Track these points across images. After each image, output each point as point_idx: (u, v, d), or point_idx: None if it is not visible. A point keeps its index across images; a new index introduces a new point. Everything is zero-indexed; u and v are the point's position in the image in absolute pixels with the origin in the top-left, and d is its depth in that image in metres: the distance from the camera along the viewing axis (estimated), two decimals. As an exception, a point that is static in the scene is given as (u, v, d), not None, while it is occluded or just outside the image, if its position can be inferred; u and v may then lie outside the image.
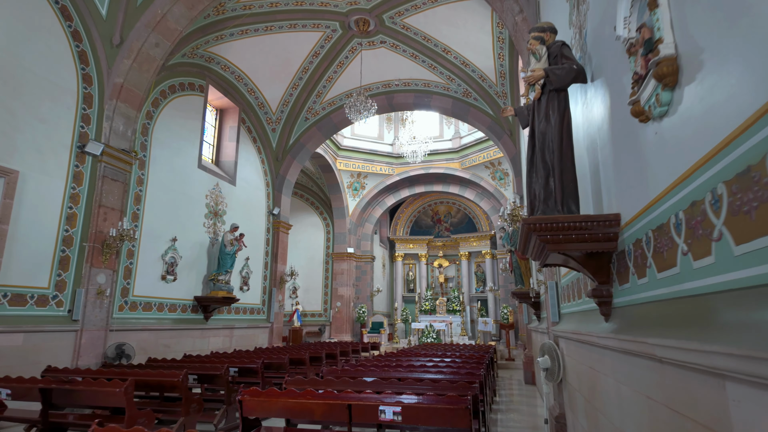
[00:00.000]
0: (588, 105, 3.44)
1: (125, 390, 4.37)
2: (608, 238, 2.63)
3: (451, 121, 20.36)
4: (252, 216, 12.70)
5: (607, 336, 2.69)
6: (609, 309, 2.87)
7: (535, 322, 9.53)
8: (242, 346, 11.53)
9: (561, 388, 5.33)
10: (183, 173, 10.14)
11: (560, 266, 3.34)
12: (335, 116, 13.90)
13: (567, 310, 5.03)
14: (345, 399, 3.84)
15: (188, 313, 10.01)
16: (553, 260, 3.22)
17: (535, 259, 3.31)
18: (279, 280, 13.60)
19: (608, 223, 2.58)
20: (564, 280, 5.12)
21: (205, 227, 10.73)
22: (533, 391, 10.02)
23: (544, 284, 6.04)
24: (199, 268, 10.45)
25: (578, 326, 3.93)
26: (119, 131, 8.30)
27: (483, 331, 18.24)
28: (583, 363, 3.79)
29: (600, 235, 2.63)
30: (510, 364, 14.71)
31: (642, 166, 2.16)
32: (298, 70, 12.41)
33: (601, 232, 2.62)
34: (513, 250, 9.07)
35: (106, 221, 7.92)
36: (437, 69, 12.45)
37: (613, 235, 2.62)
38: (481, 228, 23.41)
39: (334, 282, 19.96)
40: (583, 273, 3.07)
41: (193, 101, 10.66)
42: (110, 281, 7.94)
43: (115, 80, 8.21)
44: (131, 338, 8.39)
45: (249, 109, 12.73)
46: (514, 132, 12.04)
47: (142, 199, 8.95)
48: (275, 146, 13.74)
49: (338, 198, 19.78)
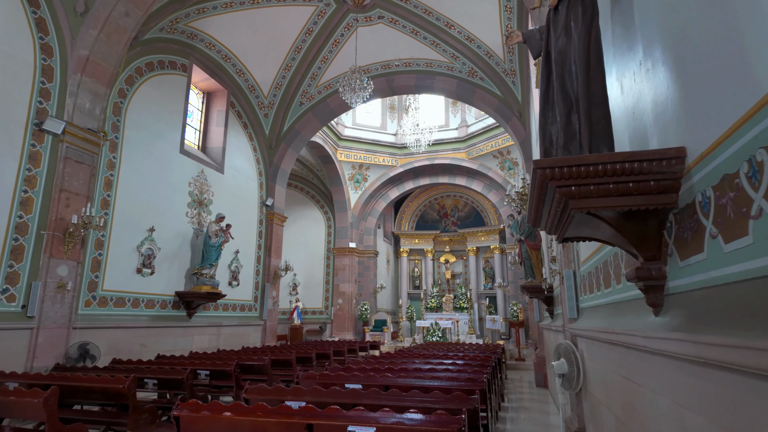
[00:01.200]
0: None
1: (45, 401, 3.56)
2: (664, 187, 1.73)
3: (457, 109, 19.41)
4: (242, 207, 11.89)
5: (660, 336, 1.80)
6: (660, 297, 1.97)
7: (547, 320, 8.60)
8: (231, 345, 10.75)
9: (580, 397, 4.42)
10: (162, 158, 9.35)
11: (585, 240, 2.44)
12: (332, 101, 13.04)
13: (588, 303, 4.12)
14: (306, 417, 2.97)
15: (168, 310, 9.23)
16: (576, 231, 2.32)
17: (551, 232, 2.41)
18: (273, 275, 12.80)
19: (666, 162, 1.69)
20: (584, 267, 4.20)
21: (188, 217, 9.93)
22: (545, 395, 9.10)
23: (558, 274, 5.13)
24: (182, 261, 9.67)
25: (606, 322, 3.03)
26: (85, 109, 7.52)
27: (491, 329, 17.31)
28: (613, 370, 2.89)
29: (652, 183, 1.74)
30: (520, 364, 13.77)
31: (738, 54, 1.26)
32: (290, 49, 11.57)
33: (654, 178, 1.72)
34: (522, 239, 8.16)
35: (69, 207, 7.15)
36: (440, 46, 11.52)
37: (673, 182, 1.72)
38: (489, 222, 22.43)
39: (335, 278, 19.13)
40: (620, 246, 2.17)
41: (174, 81, 9.87)
42: (74, 274, 7.17)
43: (80, 52, 7.43)
44: (101, 337, 7.61)
45: (239, 92, 11.92)
46: (524, 113, 11.08)
47: (113, 185, 8.17)
48: (268, 133, 12.92)
49: (339, 190, 18.93)
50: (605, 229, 2.08)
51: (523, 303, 16.67)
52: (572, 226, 2.21)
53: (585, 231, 2.29)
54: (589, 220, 2.06)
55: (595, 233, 2.26)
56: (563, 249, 4.92)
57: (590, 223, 2.09)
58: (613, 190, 1.77)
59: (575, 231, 2.32)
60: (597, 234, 2.25)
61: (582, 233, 2.37)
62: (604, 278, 3.29)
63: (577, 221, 2.10)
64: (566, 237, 2.45)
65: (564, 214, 2.04)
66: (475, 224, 22.94)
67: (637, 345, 2.15)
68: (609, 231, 2.06)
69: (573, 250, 4.75)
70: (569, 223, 2.13)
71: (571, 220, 2.05)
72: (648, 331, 1.93)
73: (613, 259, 2.94)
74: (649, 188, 1.74)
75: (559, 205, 1.95)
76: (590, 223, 2.10)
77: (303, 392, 3.97)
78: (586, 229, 2.25)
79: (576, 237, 2.43)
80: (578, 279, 4.63)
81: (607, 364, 3.07)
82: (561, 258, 5.05)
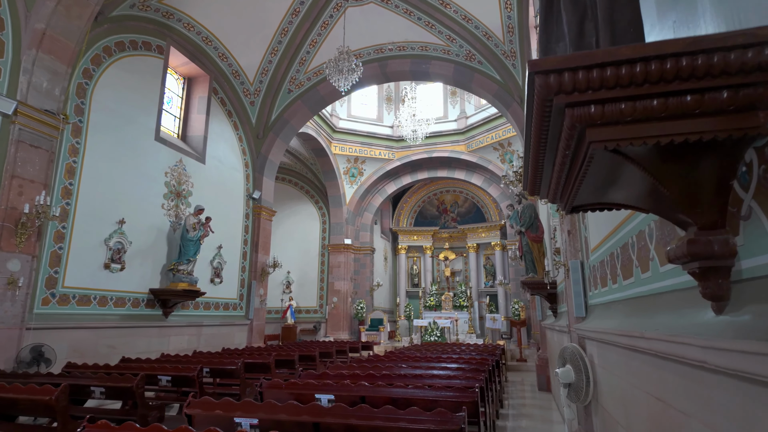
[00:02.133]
0: None
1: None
2: (748, 100, 1.04)
3: (456, 100, 18.69)
4: (226, 199, 11.22)
5: (735, 348, 1.10)
6: (725, 285, 1.28)
7: (550, 318, 7.91)
8: (213, 346, 10.08)
9: (590, 410, 3.73)
10: (135, 145, 8.67)
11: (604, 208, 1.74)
12: (322, 88, 12.34)
13: (600, 299, 3.43)
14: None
15: (142, 309, 8.57)
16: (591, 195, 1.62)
17: (555, 198, 1.71)
18: (260, 271, 12.13)
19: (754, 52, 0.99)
20: (595, 256, 3.50)
21: (164, 209, 9.26)
22: (548, 400, 8.40)
23: (563, 266, 4.43)
24: (157, 256, 9.00)
25: (627, 322, 2.34)
26: (42, 88, 6.85)
27: (492, 328, 16.61)
28: (637, 385, 2.20)
29: (725, 94, 1.04)
30: (521, 365, 13.07)
31: None
32: (276, 31, 10.88)
33: (730, 83, 1.02)
34: (523, 230, 7.46)
35: (23, 196, 6.48)
36: (435, 28, 10.81)
37: (764, 90, 1.02)
38: (490, 218, 21.70)
39: (330, 276, 18.46)
40: (657, 212, 1.48)
41: (149, 63, 9.19)
42: (28, 269, 6.50)
43: (36, 25, 6.76)
44: (61, 338, 6.95)
45: (222, 77, 11.24)
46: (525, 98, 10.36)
47: (76, 173, 7.50)
48: (255, 122, 12.24)
49: (334, 185, 18.25)
50: (636, 183, 1.39)
51: (524, 301, 15.97)
52: (587, 185, 1.51)
53: (605, 192, 1.59)
54: (613, 169, 1.37)
55: (618, 194, 1.57)
56: (569, 237, 4.22)
57: (615, 174, 1.40)
58: (659, 108, 1.08)
59: (590, 193, 1.62)
60: (622, 194, 1.55)
61: (599, 198, 1.67)
62: (623, 267, 2.59)
63: (595, 174, 1.41)
64: (576, 205, 1.75)
65: (576, 162, 1.35)
66: (475, 220, 22.22)
67: (686, 357, 1.46)
68: (642, 185, 1.37)
69: (580, 237, 4.05)
70: (582, 179, 1.43)
71: (586, 171, 1.36)
72: (711, 339, 1.24)
73: (637, 240, 2.24)
74: (719, 103, 1.05)
75: (569, 143, 1.26)
76: (614, 175, 1.41)
77: (255, 407, 3.29)
78: (606, 187, 1.55)
79: (590, 205, 1.73)
80: (587, 271, 3.93)
81: (628, 376, 2.38)
82: (566, 247, 4.35)
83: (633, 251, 2.33)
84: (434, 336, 15.90)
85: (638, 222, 2.20)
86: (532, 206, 7.43)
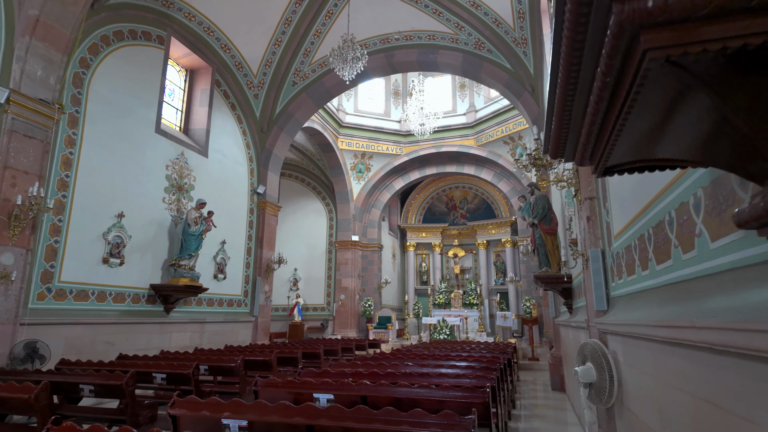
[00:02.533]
0: None
1: None
2: None
3: (465, 93, 18.30)
4: (230, 194, 10.99)
5: None
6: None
7: (565, 315, 7.54)
8: (216, 343, 9.85)
9: (612, 413, 3.39)
10: (134, 137, 8.46)
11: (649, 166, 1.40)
12: (327, 80, 12.06)
13: (625, 290, 3.09)
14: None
15: (142, 305, 8.35)
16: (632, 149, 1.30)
17: (586, 152, 1.39)
18: (265, 268, 11.89)
19: None
20: (619, 242, 3.16)
21: (165, 203, 9.04)
22: (563, 400, 8.04)
23: (581, 256, 4.09)
24: (158, 251, 8.78)
25: (664, 312, 2.00)
26: (36, 77, 6.64)
27: (502, 326, 16.23)
28: (681, 387, 1.87)
29: None
30: (533, 364, 12.70)
31: None
32: (280, 21, 10.61)
33: None
34: (536, 222, 7.11)
35: (16, 187, 6.28)
36: (443, 15, 10.47)
37: None
38: (500, 214, 21.29)
39: (337, 273, 18.18)
40: (717, 164, 1.15)
41: (149, 54, 8.97)
42: (22, 263, 6.30)
43: (29, 12, 6.55)
44: (57, 334, 6.76)
45: (224, 69, 11.00)
46: (537, 87, 9.99)
47: (73, 164, 7.30)
48: (259, 115, 11.99)
49: (341, 181, 17.97)
50: (697, 123, 1.06)
51: (536, 298, 15.56)
52: (628, 133, 1.19)
53: (649, 143, 1.27)
54: (667, 104, 1.05)
55: (668, 145, 1.24)
56: (588, 224, 3.88)
57: (668, 111, 1.08)
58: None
59: (629, 147, 1.29)
60: (673, 144, 1.23)
61: (641, 153, 1.35)
62: (656, 249, 2.26)
63: (642, 114, 1.09)
64: (611, 166, 1.43)
65: (619, 94, 1.03)
66: (485, 216, 21.82)
67: (757, 349, 1.13)
68: (707, 124, 1.04)
69: (601, 223, 3.71)
70: (625, 120, 1.11)
71: (632, 105, 1.03)
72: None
73: (677, 216, 1.91)
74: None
75: (613, 61, 0.94)
76: (668, 114, 1.09)
77: (244, 408, 3.01)
78: (652, 137, 1.23)
79: (629, 164, 1.41)
80: (608, 260, 3.58)
81: (665, 374, 2.05)
82: (585, 236, 4.01)
83: (671, 229, 2.00)
84: (443, 334, 15.57)
85: (678, 193, 1.87)
86: (545, 197, 7.08)
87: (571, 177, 4.11)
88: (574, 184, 4.07)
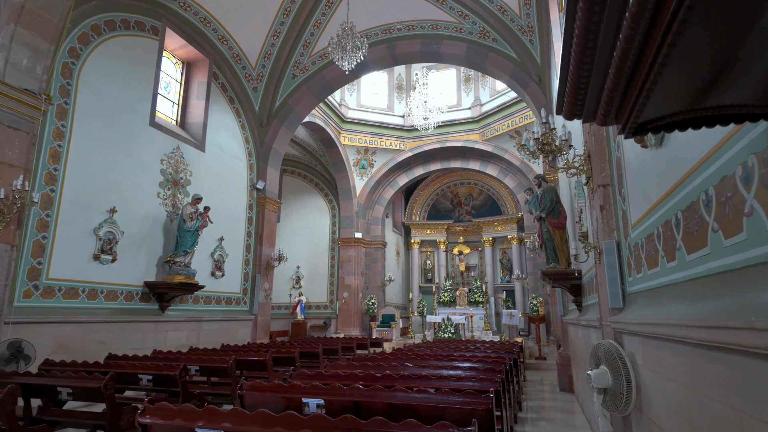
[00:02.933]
0: None
1: None
2: None
3: (470, 87, 17.93)
4: (228, 189, 10.72)
5: None
6: None
7: (574, 313, 7.20)
8: (214, 342, 9.60)
9: (629, 421, 3.07)
10: (127, 130, 8.20)
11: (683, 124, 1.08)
12: (328, 72, 11.75)
13: (645, 284, 2.76)
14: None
15: (136, 303, 8.11)
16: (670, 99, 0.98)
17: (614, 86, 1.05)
18: (265, 265, 11.62)
19: None
20: (638, 232, 2.83)
21: (160, 198, 8.79)
22: (571, 402, 7.70)
23: (594, 248, 3.76)
24: (152, 247, 8.53)
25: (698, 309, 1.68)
26: (21, 66, 6.39)
27: (509, 324, 15.87)
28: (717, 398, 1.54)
29: None
30: (540, 363, 12.34)
31: None
32: (278, 11, 10.32)
33: None
34: (543, 216, 6.77)
35: (1, 180, 6.04)
36: (446, 3, 10.12)
37: None
38: (506, 210, 20.92)
39: (340, 270, 17.91)
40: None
41: (143, 44, 8.71)
42: (7, 259, 6.06)
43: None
44: (45, 333, 6.52)
45: (222, 61, 10.73)
46: (544, 77, 9.63)
47: (62, 158, 7.05)
48: (258, 109, 11.71)
49: (344, 177, 17.68)
50: None
51: (543, 296, 15.21)
52: (669, 75, 0.88)
53: (699, 88, 0.95)
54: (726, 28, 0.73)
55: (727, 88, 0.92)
56: (602, 213, 3.54)
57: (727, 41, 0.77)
58: None
59: (671, 96, 0.98)
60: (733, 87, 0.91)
61: (688, 103, 1.03)
62: (686, 236, 1.93)
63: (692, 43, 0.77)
64: (644, 121, 1.11)
65: (660, 21, 0.72)
66: (491, 213, 21.46)
67: None
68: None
69: (616, 212, 3.38)
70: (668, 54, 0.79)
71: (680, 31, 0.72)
72: None
73: (716, 194, 1.58)
74: None
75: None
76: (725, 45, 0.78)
77: (220, 416, 2.71)
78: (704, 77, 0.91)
79: (669, 117, 1.09)
80: (624, 252, 3.25)
81: (702, 384, 1.72)
82: (597, 227, 3.67)
83: (708, 210, 1.67)
84: (448, 333, 15.23)
85: (720, 165, 1.55)
86: (553, 189, 6.74)
87: (582, 163, 3.78)
88: (585, 170, 3.74)
